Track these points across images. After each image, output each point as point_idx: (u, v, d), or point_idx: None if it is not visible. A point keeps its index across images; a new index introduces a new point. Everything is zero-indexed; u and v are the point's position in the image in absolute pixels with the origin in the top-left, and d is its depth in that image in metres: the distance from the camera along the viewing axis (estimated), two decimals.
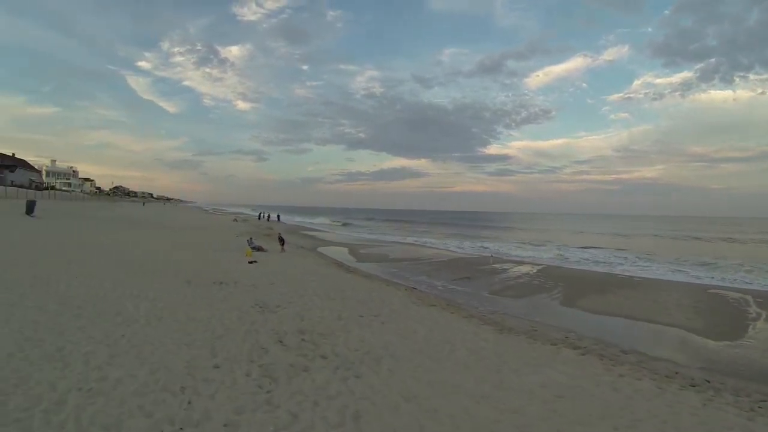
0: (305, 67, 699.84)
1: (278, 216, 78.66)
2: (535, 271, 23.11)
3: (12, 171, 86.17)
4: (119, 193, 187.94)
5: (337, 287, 14.66)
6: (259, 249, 22.97)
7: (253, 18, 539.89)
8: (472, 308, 13.47)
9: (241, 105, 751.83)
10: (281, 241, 25.59)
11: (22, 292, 10.22)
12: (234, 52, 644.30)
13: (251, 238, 25.31)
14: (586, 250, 36.72)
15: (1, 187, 51.86)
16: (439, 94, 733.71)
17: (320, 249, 31.48)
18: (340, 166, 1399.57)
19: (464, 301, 14.65)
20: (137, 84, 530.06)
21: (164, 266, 15.96)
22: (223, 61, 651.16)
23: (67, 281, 11.72)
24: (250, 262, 18.65)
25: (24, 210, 30.51)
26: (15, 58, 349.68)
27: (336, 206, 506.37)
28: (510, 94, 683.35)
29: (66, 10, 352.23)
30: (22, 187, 75.73)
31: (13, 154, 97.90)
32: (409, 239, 45.72)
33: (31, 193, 55.30)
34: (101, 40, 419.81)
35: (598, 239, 53.70)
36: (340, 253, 29.54)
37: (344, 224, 79.44)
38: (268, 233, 37.75)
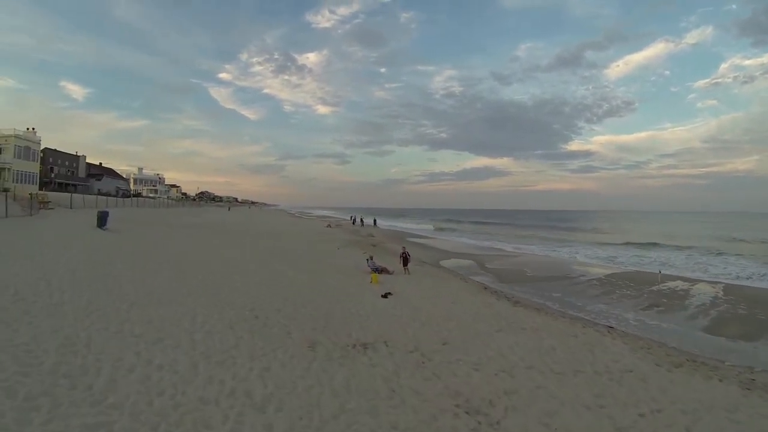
0: (383, 70, 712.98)
1: (374, 220, 72.18)
2: (721, 293, 19.18)
3: (99, 179, 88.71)
4: (204, 198, 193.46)
5: (535, 342, 9.88)
6: (382, 271, 18.19)
7: (327, 25, 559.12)
8: (719, 363, 10.00)
9: (321, 109, 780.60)
10: (405, 258, 20.31)
11: (33, 388, 5.29)
12: (311, 58, 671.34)
13: (371, 258, 20.51)
14: (719, 256, 33.86)
15: (78, 196, 50.98)
16: (519, 90, 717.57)
17: (443, 263, 27.00)
18: (423, 166, 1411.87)
19: (680, 345, 11.41)
20: (219, 95, 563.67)
21: (268, 308, 10.89)
22: (300, 68, 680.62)
23: (117, 352, 6.74)
24: (384, 296, 13.45)
25: (95, 223, 27.61)
26: (107, 79, 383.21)
27: (419, 207, 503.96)
28: (590, 87, 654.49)
29: (151, 32, 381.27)
30: (108, 195, 77.02)
31: (101, 164, 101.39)
32: (523, 246, 41.09)
33: (112, 201, 54.30)
34: (184, 57, 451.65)
35: (714, 244, 46.69)
36: (469, 270, 25.23)
37: (440, 228, 72.15)
38: (373, 243, 33.09)
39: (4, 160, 54.65)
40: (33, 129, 61.70)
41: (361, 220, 72.19)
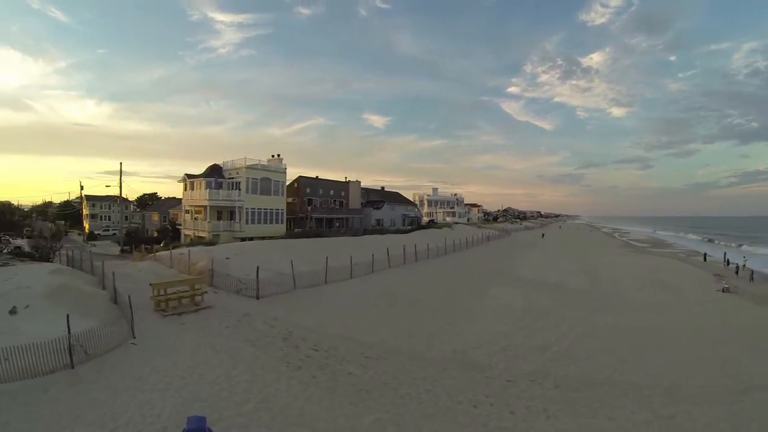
0: (672, 58, 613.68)
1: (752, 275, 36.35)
2: None
3: (378, 208, 75.52)
4: (509, 216, 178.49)
5: None
6: None
7: (603, 20, 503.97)
8: None
9: (616, 111, 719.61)
10: None
11: None
12: (595, 59, 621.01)
13: None
14: None
15: (330, 236, 33.54)
16: None
17: None
18: (733, 166, 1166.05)
19: None
20: (511, 108, 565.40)
21: None
22: (586, 71, 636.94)
23: None
24: None
25: None
26: (403, 107, 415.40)
27: (731, 215, 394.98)
28: None
29: (436, 60, 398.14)
30: (386, 230, 61.71)
31: (383, 188, 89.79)
32: None
33: (386, 240, 32.18)
34: (471, 77, 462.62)
35: None
36: None
37: None
38: None
39: (233, 198, 42.59)
40: (278, 156, 49.38)
41: (749, 271, 37.06)
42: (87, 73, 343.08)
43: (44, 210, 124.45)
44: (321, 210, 57.82)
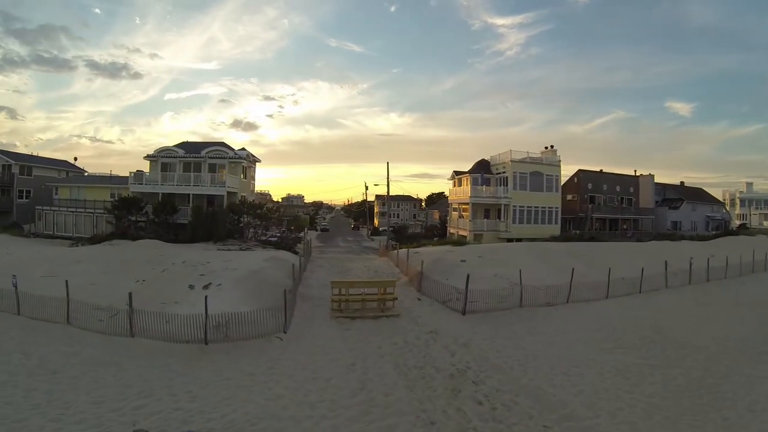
0: None
1: None
2: None
3: (674, 207, 61.28)
4: None
5: None
6: None
7: None
8: None
9: None
10: None
11: None
12: None
13: None
14: None
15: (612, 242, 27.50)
16: None
17: None
18: None
19: None
20: None
21: None
22: None
23: None
24: None
25: None
26: (709, 89, 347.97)
27: None
28: None
29: (740, 26, 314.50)
30: (679, 237, 49.48)
31: (682, 183, 73.36)
32: None
33: (675, 247, 22.20)
34: None
35: None
36: None
37: None
38: None
39: (498, 195, 38.88)
40: (551, 147, 43.26)
41: None
42: (385, 90, 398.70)
43: (348, 209, 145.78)
44: (604, 209, 48.78)
